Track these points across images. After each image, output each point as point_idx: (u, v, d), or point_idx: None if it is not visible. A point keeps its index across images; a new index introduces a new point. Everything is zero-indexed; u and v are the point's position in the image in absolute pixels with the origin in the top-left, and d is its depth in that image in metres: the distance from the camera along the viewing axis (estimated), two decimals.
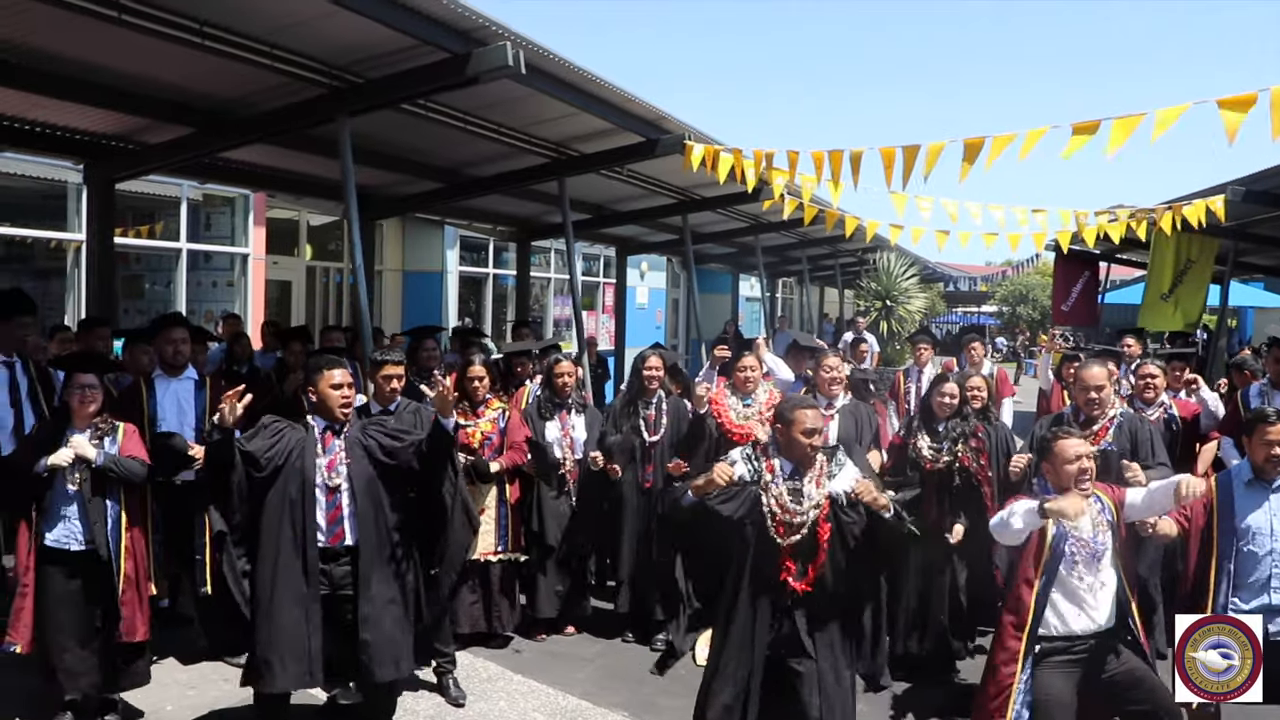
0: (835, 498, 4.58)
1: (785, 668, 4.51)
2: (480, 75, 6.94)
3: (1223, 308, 16.44)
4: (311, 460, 4.91)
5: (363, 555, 4.93)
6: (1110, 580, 4.65)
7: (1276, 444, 4.96)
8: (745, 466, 4.63)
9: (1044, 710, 4.52)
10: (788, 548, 4.49)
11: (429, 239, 16.53)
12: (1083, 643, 4.59)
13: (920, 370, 10.01)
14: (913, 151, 7.31)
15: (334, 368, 5.05)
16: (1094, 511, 4.67)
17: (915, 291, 23.90)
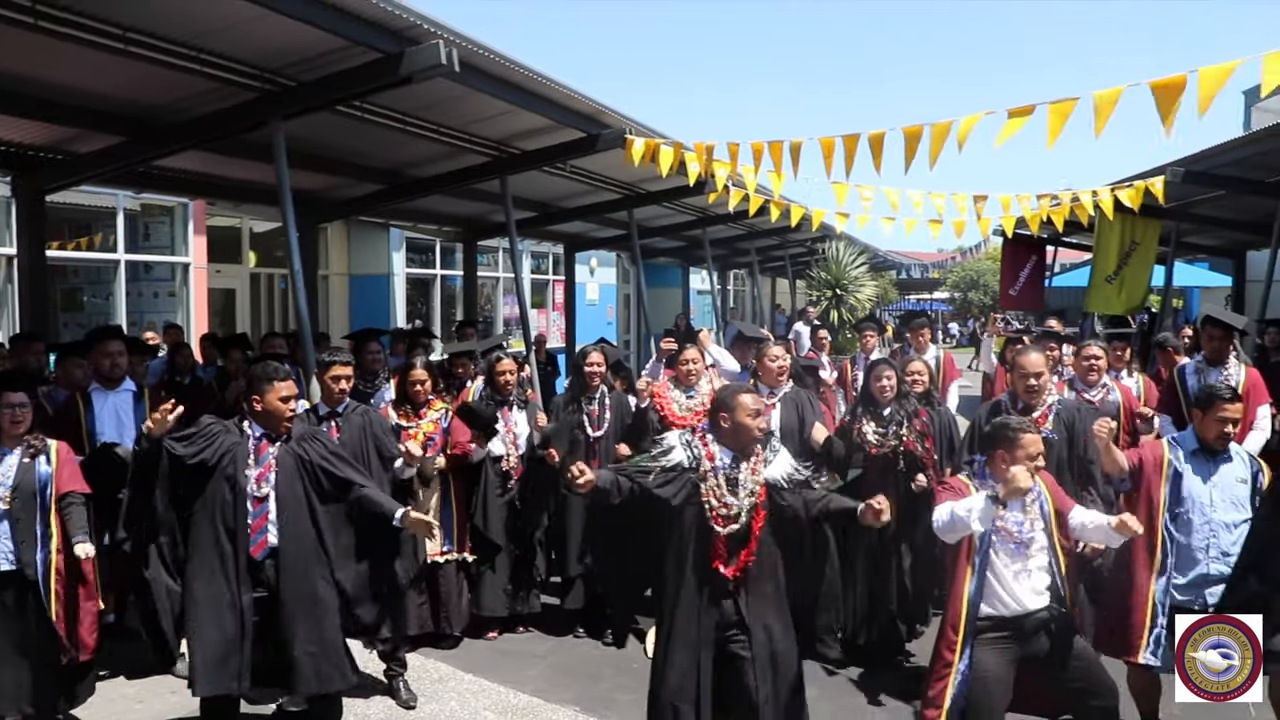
0: (772, 483, 4.59)
1: (730, 652, 4.52)
2: (414, 75, 6.88)
3: (1166, 288, 16.66)
4: (243, 467, 4.86)
5: (286, 563, 4.87)
6: (1042, 566, 4.70)
7: (1230, 421, 5.07)
8: (684, 453, 4.62)
9: (981, 686, 4.57)
10: (723, 536, 4.50)
11: (374, 242, 16.40)
12: (1016, 624, 4.64)
13: (867, 357, 10.06)
14: (853, 141, 7.35)
15: (284, 379, 4.99)
16: (1028, 501, 4.71)
17: (865, 280, 24.01)
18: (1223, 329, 7.35)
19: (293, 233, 7.61)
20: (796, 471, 4.70)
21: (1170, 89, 5.69)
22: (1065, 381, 7.54)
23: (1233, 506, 5.07)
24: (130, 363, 6.80)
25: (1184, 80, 5.63)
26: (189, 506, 4.85)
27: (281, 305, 15.82)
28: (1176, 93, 5.66)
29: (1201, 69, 5.58)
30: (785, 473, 4.64)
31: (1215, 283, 24.89)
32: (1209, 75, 5.55)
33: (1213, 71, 5.56)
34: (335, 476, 5.05)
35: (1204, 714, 5.69)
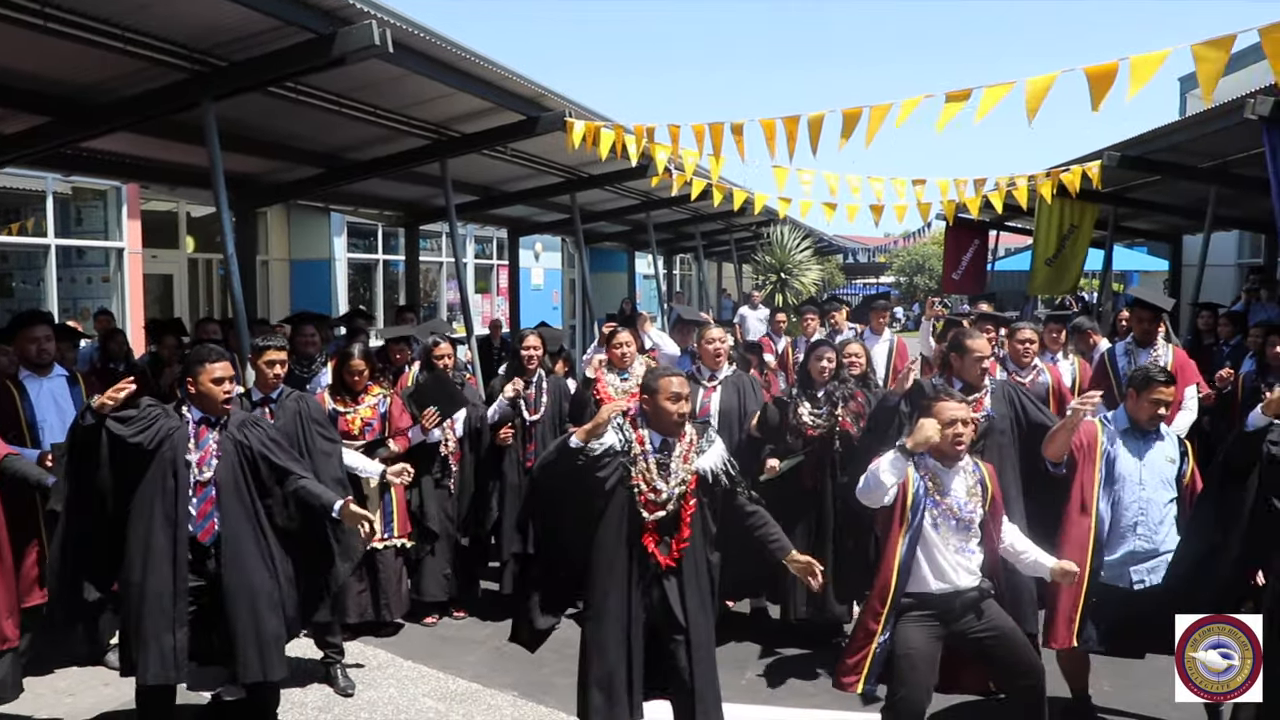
0: (703, 474, 4.58)
1: (660, 636, 4.52)
2: (347, 56, 6.79)
3: (1106, 272, 16.90)
4: (183, 452, 4.79)
5: (228, 551, 4.81)
6: (976, 547, 4.75)
7: (1164, 403, 5.15)
8: (615, 436, 4.60)
9: (905, 662, 4.60)
10: (653, 522, 4.48)
11: (315, 226, 16.22)
12: (946, 602, 4.68)
13: (808, 339, 10.11)
14: (793, 123, 7.36)
15: (216, 360, 4.93)
16: (970, 482, 4.75)
17: (810, 264, 24.10)
18: (1150, 310, 7.47)
19: (226, 217, 7.50)
20: (728, 468, 4.67)
21: (1103, 76, 5.75)
22: (997, 362, 7.62)
23: (1162, 485, 5.16)
24: (59, 349, 6.66)
25: (1116, 67, 5.69)
26: (128, 491, 4.77)
27: (221, 291, 15.59)
28: (1109, 79, 5.73)
29: (1133, 57, 5.65)
30: (717, 466, 4.62)
31: (1154, 267, 25.29)
32: (1140, 62, 5.62)
33: (1144, 59, 5.63)
34: (275, 465, 5.00)
35: (1131, 691, 5.84)
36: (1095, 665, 5.55)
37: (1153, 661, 5.80)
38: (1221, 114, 9.44)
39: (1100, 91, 5.73)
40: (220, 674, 5.20)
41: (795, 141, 7.36)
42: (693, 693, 4.46)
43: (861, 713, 5.45)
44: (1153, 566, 5.11)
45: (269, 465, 4.98)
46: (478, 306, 20.42)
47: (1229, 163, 11.50)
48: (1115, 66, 5.69)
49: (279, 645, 4.94)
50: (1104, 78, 5.72)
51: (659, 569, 4.49)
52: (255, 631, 4.81)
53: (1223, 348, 10.15)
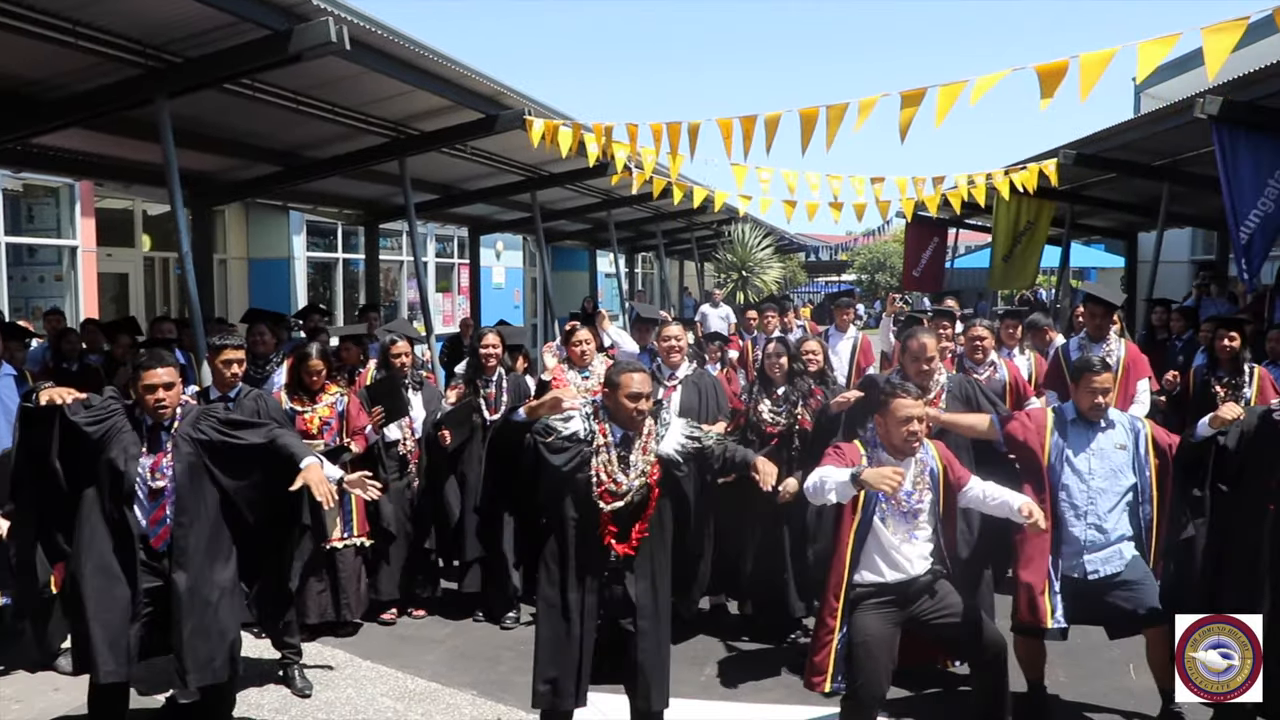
0: (665, 459, 4.59)
1: (613, 627, 4.53)
2: (303, 53, 6.77)
3: (1063, 268, 17.09)
4: (133, 456, 4.72)
5: (180, 554, 4.75)
6: (926, 535, 4.79)
7: (1100, 391, 5.21)
8: (581, 424, 4.60)
9: (863, 649, 4.63)
10: (611, 513, 4.49)
11: (274, 225, 16.08)
12: (900, 589, 4.72)
13: (768, 337, 10.13)
14: (750, 122, 7.39)
15: (154, 366, 4.82)
16: (917, 471, 4.79)
17: (771, 262, 24.20)
18: (1102, 306, 7.56)
19: (181, 215, 7.45)
20: (690, 436, 4.68)
21: (1054, 73, 5.82)
22: (954, 360, 7.68)
23: (1112, 474, 5.21)
24: (8, 348, 6.58)
25: (1066, 65, 5.76)
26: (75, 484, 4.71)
27: (178, 290, 15.40)
28: (1059, 76, 5.80)
29: (1083, 55, 5.72)
30: (679, 444, 4.63)
31: (1111, 264, 25.62)
32: (1090, 61, 5.69)
33: (1093, 57, 5.70)
34: (238, 446, 4.92)
35: (1086, 681, 5.92)
36: (1051, 656, 5.61)
37: (1106, 651, 5.90)
38: (1172, 113, 9.61)
39: (1050, 89, 5.79)
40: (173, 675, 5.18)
41: (751, 140, 7.39)
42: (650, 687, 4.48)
43: (820, 706, 5.48)
44: (1106, 556, 5.15)
45: (232, 449, 4.91)
46: (439, 305, 20.34)
47: (1180, 161, 11.69)
48: (1065, 65, 5.76)
49: (228, 647, 4.89)
50: (1054, 75, 5.79)
51: (615, 559, 4.50)
52: (205, 634, 4.77)
53: (1175, 342, 10.28)
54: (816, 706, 5.52)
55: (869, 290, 47.41)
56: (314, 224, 16.97)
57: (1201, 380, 7.61)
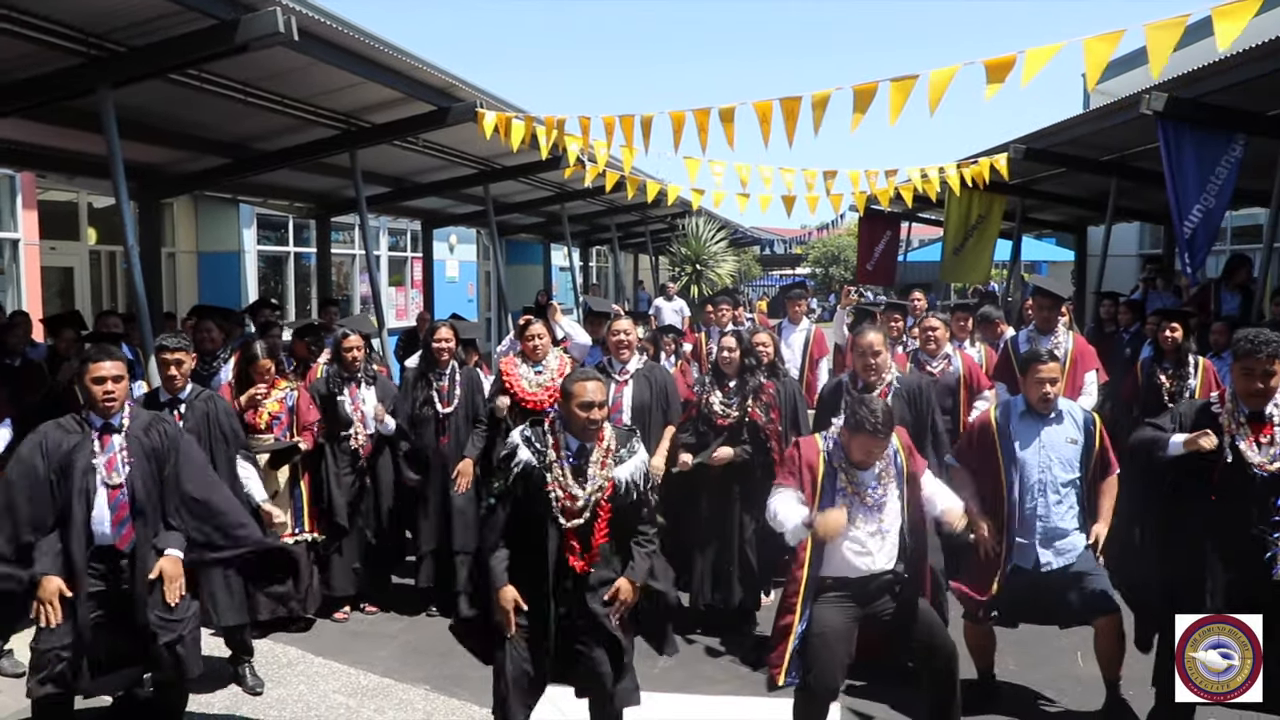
0: (618, 483, 4.50)
1: (574, 638, 4.48)
2: (251, 43, 6.66)
3: (1014, 262, 17.25)
4: (87, 460, 4.64)
5: (140, 554, 4.69)
6: (892, 527, 4.77)
7: (1047, 382, 5.27)
8: (527, 451, 4.48)
9: (819, 641, 4.64)
10: (571, 529, 4.42)
11: (224, 218, 15.84)
12: (861, 585, 4.73)
13: (722, 331, 10.14)
14: (704, 115, 7.39)
15: (100, 360, 4.75)
16: (881, 465, 4.80)
17: (725, 255, 24.20)
18: (1048, 298, 7.66)
19: (126, 207, 7.32)
20: (641, 483, 4.58)
21: (1001, 67, 5.88)
22: (909, 354, 7.72)
23: (1061, 466, 5.27)
24: None
25: (1014, 59, 5.82)
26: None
27: (125, 284, 15.16)
28: (1006, 70, 5.85)
29: (1029, 50, 5.78)
30: (633, 479, 4.54)
31: (1061, 257, 25.89)
32: (1035, 55, 5.75)
33: (1039, 52, 5.76)
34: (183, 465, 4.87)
35: (1036, 668, 5.99)
36: (1001, 645, 5.67)
37: (1055, 640, 5.98)
38: (1119, 109, 9.72)
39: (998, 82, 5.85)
40: (127, 677, 5.11)
41: (706, 133, 7.39)
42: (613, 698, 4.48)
43: (773, 698, 5.50)
44: (1058, 548, 5.22)
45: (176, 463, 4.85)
46: (391, 299, 20.17)
47: (1128, 156, 11.85)
48: (1013, 59, 5.82)
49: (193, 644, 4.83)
50: (1002, 69, 5.85)
51: (574, 573, 4.44)
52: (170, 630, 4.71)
53: (1123, 335, 10.44)
54: (770, 698, 5.53)
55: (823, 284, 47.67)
56: (264, 217, 16.75)
57: (1148, 372, 7.72)
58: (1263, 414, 4.58)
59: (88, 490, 4.61)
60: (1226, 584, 4.58)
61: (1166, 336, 7.59)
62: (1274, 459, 4.50)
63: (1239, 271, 11.44)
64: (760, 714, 5.43)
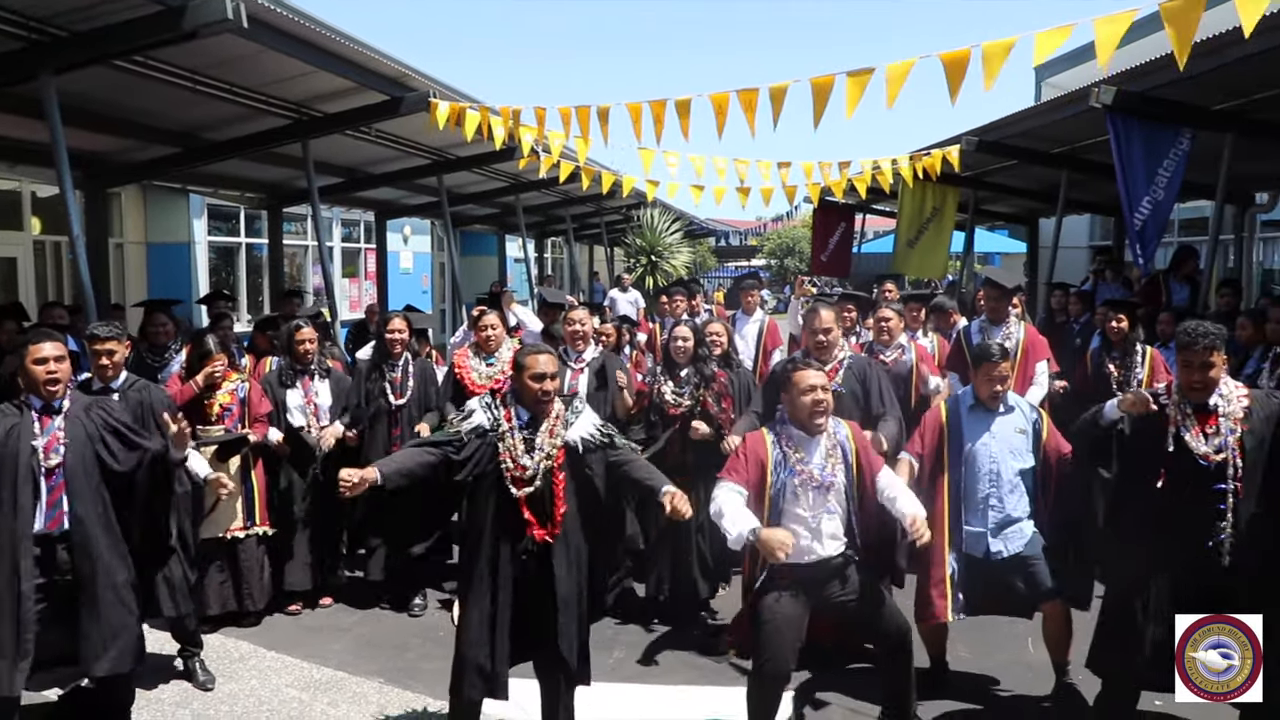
0: (571, 445, 4.57)
1: (534, 614, 4.50)
2: (199, 29, 6.54)
3: (966, 253, 17.41)
4: (27, 442, 4.57)
5: (78, 541, 4.62)
6: (839, 511, 4.81)
7: (998, 381, 5.33)
8: (484, 416, 4.57)
9: (769, 628, 4.67)
10: (524, 498, 4.46)
11: (173, 208, 15.60)
12: (811, 570, 4.76)
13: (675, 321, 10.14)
14: (660, 107, 7.36)
15: (39, 341, 4.73)
16: (828, 446, 4.83)
17: (680, 246, 24.26)
18: (998, 289, 7.73)
19: (71, 197, 7.18)
20: (599, 432, 4.68)
21: (957, 61, 5.90)
22: (863, 344, 7.77)
23: (1012, 456, 5.33)
24: None
25: (969, 53, 5.85)
26: None
27: (71, 275, 14.91)
28: (963, 65, 5.88)
29: (985, 44, 5.81)
30: (587, 433, 4.63)
31: (1014, 249, 26.16)
32: (991, 50, 5.78)
33: (994, 46, 5.79)
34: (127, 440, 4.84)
35: (988, 655, 6.05)
36: (952, 632, 5.72)
37: (1007, 626, 6.03)
38: (1069, 102, 9.82)
39: (956, 78, 5.87)
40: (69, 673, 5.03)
41: (663, 125, 7.37)
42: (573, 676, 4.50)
43: (727, 686, 5.53)
44: (1008, 535, 5.28)
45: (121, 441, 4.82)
46: (345, 291, 20.00)
47: (1079, 148, 11.96)
48: (968, 53, 5.85)
49: (130, 636, 4.77)
50: (958, 64, 5.88)
51: (533, 544, 4.47)
52: (106, 622, 4.65)
53: (1073, 325, 10.56)
54: (725, 687, 5.57)
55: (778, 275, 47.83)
56: (215, 208, 16.52)
57: (1097, 362, 7.82)
58: (1207, 405, 4.64)
59: (32, 472, 4.55)
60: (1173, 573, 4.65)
61: (1113, 327, 7.70)
62: (1219, 449, 4.56)
63: (1186, 262, 11.63)
64: (716, 703, 5.44)
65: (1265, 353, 7.43)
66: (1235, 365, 7.51)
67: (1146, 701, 5.05)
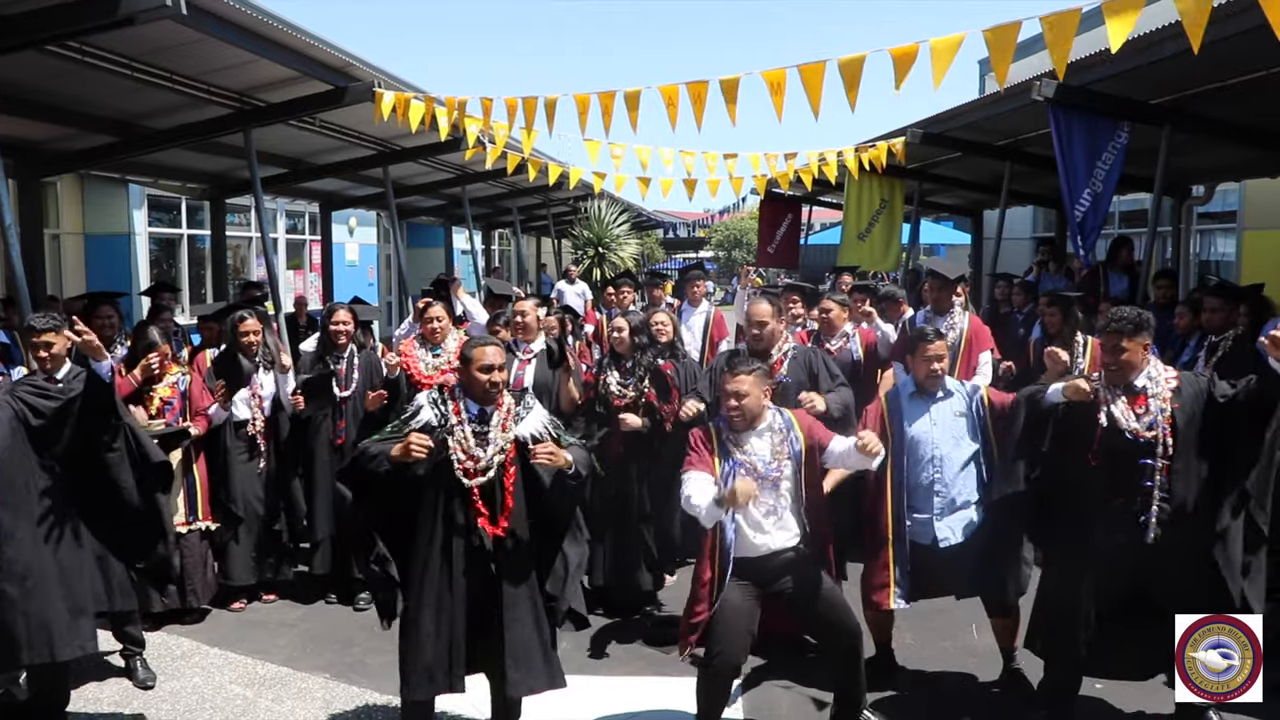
0: (522, 441, 4.55)
1: (484, 610, 4.47)
2: (136, 15, 6.40)
3: (912, 245, 17.54)
4: None
5: (6, 530, 4.53)
6: (789, 504, 4.84)
7: (934, 360, 5.38)
8: (431, 411, 4.54)
9: (721, 619, 4.68)
10: (476, 491, 4.43)
11: (112, 199, 15.32)
12: (760, 564, 4.78)
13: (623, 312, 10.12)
14: (608, 98, 7.34)
15: None
16: (775, 440, 4.85)
17: (628, 238, 24.22)
18: (940, 280, 7.82)
19: (2, 186, 7.02)
20: (548, 429, 4.65)
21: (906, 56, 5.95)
22: (809, 333, 7.82)
23: (953, 441, 5.38)
24: None
25: (917, 49, 5.89)
26: None
27: (4, 268, 14.58)
28: (911, 59, 5.92)
29: (933, 40, 5.86)
30: (536, 429, 4.60)
31: (959, 240, 26.40)
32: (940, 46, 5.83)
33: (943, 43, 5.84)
34: (51, 406, 4.78)
35: (935, 642, 6.11)
36: (898, 619, 5.77)
37: (951, 612, 6.10)
38: (1012, 95, 9.90)
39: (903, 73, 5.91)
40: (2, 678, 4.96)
41: (611, 116, 7.36)
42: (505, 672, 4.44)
43: (677, 677, 5.54)
44: (954, 523, 5.33)
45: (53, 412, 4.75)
46: (290, 283, 19.76)
47: (1021, 141, 12.09)
48: (916, 48, 5.89)
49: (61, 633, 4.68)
50: (906, 58, 5.92)
51: (484, 541, 4.44)
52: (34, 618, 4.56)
53: (1017, 315, 10.69)
54: (674, 677, 5.58)
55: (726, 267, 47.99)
56: (156, 198, 16.23)
57: (1039, 352, 7.92)
58: (1135, 386, 4.76)
59: None
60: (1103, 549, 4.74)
61: (1049, 319, 7.84)
62: (1150, 427, 4.66)
63: (1120, 252, 11.83)
64: (664, 694, 5.46)
65: (1201, 341, 7.55)
66: (1173, 354, 7.65)
67: (1088, 686, 5.14)
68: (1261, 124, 9.61)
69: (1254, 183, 14.19)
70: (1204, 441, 4.70)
